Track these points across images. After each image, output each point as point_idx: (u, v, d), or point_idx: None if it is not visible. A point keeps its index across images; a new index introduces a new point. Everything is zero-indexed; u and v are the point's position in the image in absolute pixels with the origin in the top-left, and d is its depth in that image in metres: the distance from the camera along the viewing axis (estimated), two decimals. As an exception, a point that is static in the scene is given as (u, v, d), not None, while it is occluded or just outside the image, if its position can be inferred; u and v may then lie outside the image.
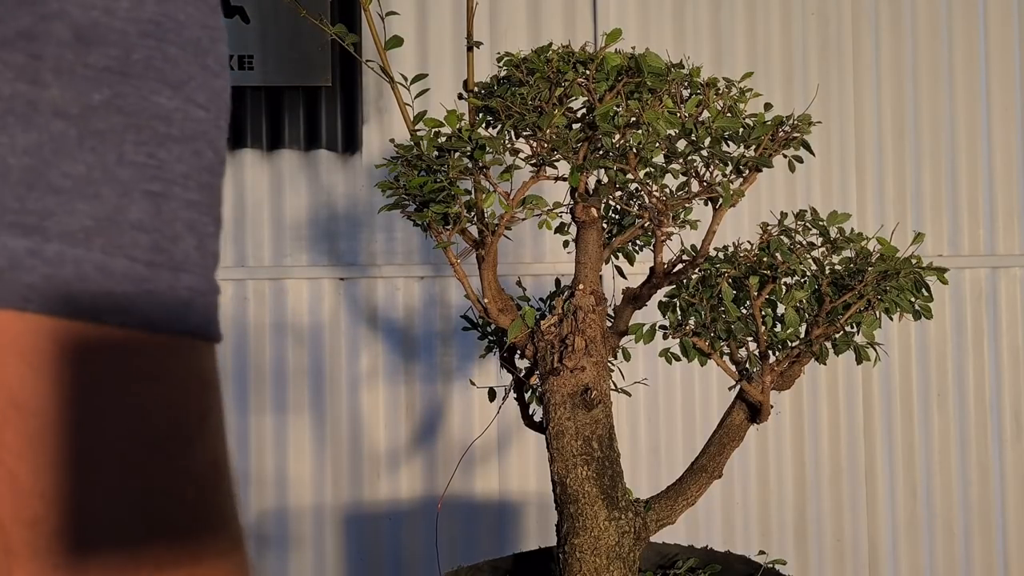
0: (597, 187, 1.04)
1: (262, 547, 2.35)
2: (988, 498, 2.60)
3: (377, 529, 2.39)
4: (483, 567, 1.21)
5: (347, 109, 2.38)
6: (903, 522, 2.58)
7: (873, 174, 2.60)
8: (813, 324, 0.99)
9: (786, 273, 0.97)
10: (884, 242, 0.99)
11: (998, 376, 2.63)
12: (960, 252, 2.63)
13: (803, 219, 1.01)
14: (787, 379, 1.04)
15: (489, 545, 2.40)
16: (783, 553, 2.47)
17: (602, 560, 0.99)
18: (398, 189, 0.98)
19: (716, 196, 0.96)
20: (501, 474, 2.44)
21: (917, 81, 2.62)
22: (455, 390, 2.43)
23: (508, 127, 0.96)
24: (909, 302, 0.96)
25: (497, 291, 1.04)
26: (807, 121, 0.96)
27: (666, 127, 0.90)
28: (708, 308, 0.99)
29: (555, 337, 1.01)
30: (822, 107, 2.54)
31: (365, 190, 2.39)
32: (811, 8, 2.58)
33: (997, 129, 2.63)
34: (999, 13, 2.64)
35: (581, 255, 1.04)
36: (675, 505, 1.06)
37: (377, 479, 2.40)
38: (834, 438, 2.57)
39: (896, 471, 2.59)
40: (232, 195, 2.38)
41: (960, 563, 2.59)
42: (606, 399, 1.01)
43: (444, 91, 1.25)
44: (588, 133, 0.97)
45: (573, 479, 1.00)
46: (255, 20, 2.34)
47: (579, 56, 0.95)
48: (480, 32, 2.35)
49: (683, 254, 1.02)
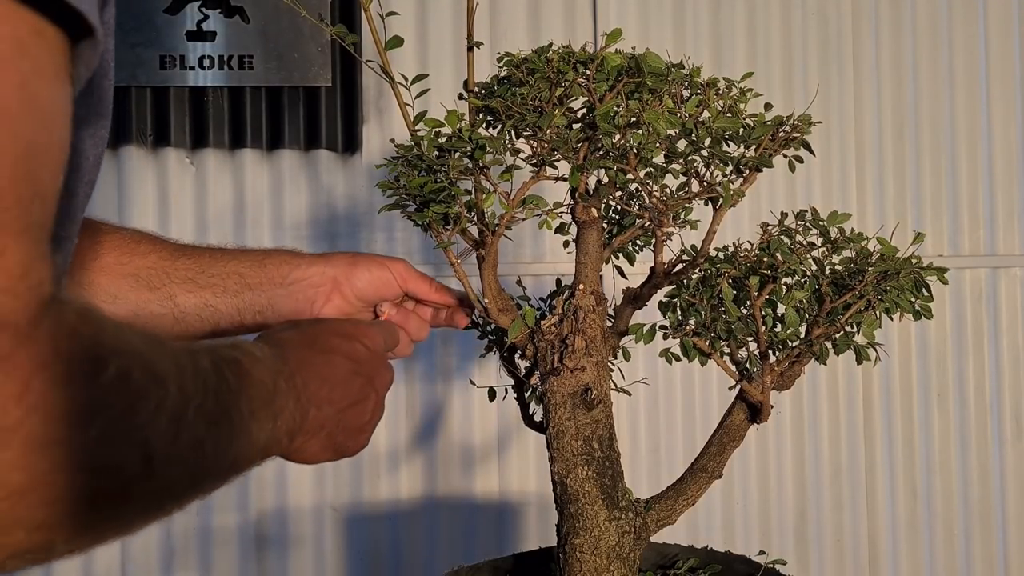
0: (597, 187, 1.04)
1: (262, 547, 2.35)
2: (988, 498, 2.60)
3: (377, 529, 2.39)
4: (483, 567, 1.21)
5: (347, 109, 2.38)
6: (903, 522, 2.58)
7: (873, 174, 2.60)
8: (813, 324, 0.99)
9: (786, 273, 0.97)
10: (884, 242, 0.99)
11: (998, 376, 2.63)
12: (960, 252, 2.63)
13: (803, 219, 1.01)
14: (787, 379, 1.04)
15: (489, 545, 2.40)
16: (783, 553, 2.47)
17: (602, 560, 0.99)
18: (398, 189, 0.98)
19: (716, 196, 0.96)
20: (501, 474, 2.44)
21: (917, 81, 2.62)
22: (455, 390, 2.43)
23: (508, 127, 0.96)
24: (909, 302, 0.96)
25: (497, 291, 1.04)
26: (807, 121, 0.96)
27: (666, 127, 0.90)
28: (708, 308, 0.99)
29: (555, 337, 1.01)
30: (822, 107, 2.54)
31: (365, 190, 2.39)
32: (811, 8, 2.58)
33: (997, 129, 2.63)
34: (999, 13, 2.64)
35: (581, 255, 1.04)
36: (675, 505, 1.06)
37: (377, 479, 2.40)
38: (834, 438, 2.57)
39: (896, 471, 2.59)
40: (232, 195, 2.38)
41: (960, 563, 2.59)
42: (606, 399, 1.01)
43: (444, 91, 1.25)
44: (588, 133, 0.97)
45: (573, 479, 1.00)
46: (255, 20, 2.34)
47: (579, 56, 0.95)
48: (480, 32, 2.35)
49: (683, 254, 1.02)
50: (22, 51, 0.38)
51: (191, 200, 2.37)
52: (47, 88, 0.39)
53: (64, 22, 0.40)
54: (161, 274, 0.88)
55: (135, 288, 0.87)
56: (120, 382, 0.42)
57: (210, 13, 2.33)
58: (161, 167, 2.35)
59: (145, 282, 0.88)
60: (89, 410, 0.39)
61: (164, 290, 0.88)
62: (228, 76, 2.33)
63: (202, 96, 2.35)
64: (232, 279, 0.91)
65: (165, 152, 2.35)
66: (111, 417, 0.41)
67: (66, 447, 0.38)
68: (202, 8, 2.33)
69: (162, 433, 0.44)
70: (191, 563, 2.32)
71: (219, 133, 2.35)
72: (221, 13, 2.33)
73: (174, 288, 0.88)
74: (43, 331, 0.38)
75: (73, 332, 0.40)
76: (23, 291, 0.37)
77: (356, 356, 0.77)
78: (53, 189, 0.40)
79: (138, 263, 0.88)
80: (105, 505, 0.42)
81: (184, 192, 2.37)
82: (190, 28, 2.33)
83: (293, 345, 0.72)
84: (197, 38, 2.33)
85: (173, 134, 2.33)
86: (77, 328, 0.40)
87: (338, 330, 0.79)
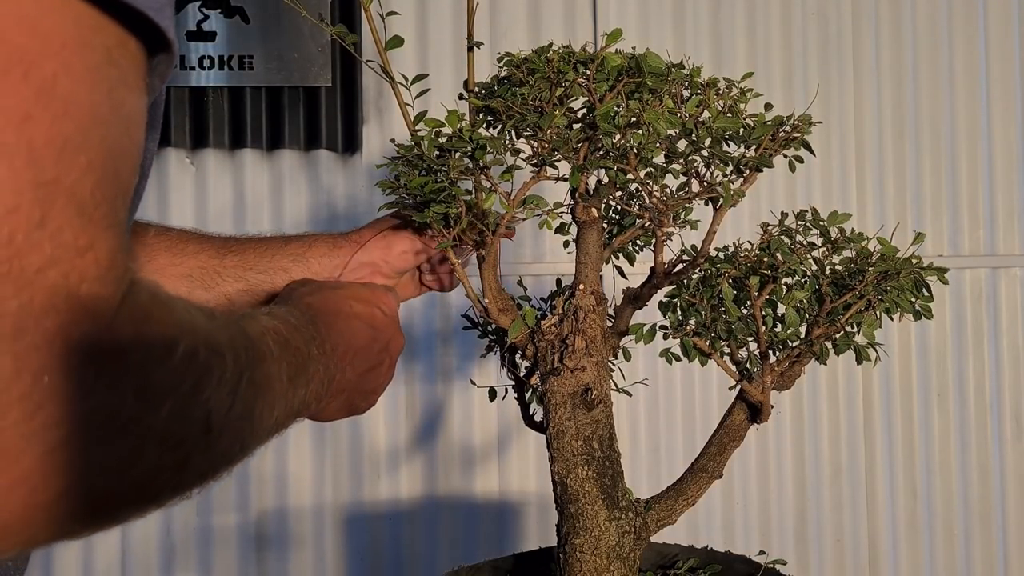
0: (597, 187, 1.04)
1: (262, 547, 2.35)
2: (988, 498, 2.60)
3: (377, 529, 2.39)
4: (483, 567, 1.21)
5: (347, 109, 2.38)
6: (903, 522, 2.58)
7: (873, 174, 2.60)
8: (813, 324, 0.99)
9: (786, 273, 0.97)
10: (884, 242, 0.99)
11: (998, 376, 2.63)
12: (960, 252, 2.63)
13: (803, 219, 1.01)
14: (787, 379, 1.04)
15: (489, 545, 2.40)
16: (783, 553, 2.47)
17: (602, 560, 0.99)
18: (398, 189, 0.98)
19: (716, 196, 0.96)
20: (501, 474, 2.44)
21: (917, 81, 2.62)
22: (455, 390, 2.43)
23: (509, 127, 0.96)
24: (909, 302, 0.96)
25: (498, 291, 1.04)
26: (807, 121, 0.96)
27: (666, 127, 0.90)
28: (708, 308, 0.99)
29: (555, 337, 1.01)
30: (822, 107, 2.54)
31: (365, 190, 2.39)
32: (811, 8, 2.58)
33: (997, 129, 2.63)
34: (999, 13, 2.64)
35: (581, 255, 1.04)
36: (675, 505, 1.06)
37: (377, 479, 2.40)
38: (834, 438, 2.57)
39: (896, 471, 2.59)
40: (232, 195, 2.38)
41: (960, 563, 2.59)
42: (607, 399, 1.01)
43: (444, 91, 1.25)
44: (588, 133, 0.97)
45: (573, 479, 1.00)
46: (255, 20, 2.34)
47: (579, 56, 0.95)
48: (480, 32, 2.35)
49: (683, 254, 1.02)
50: (111, 60, 0.40)
51: (191, 200, 2.37)
52: (130, 96, 0.42)
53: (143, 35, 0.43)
54: (212, 273, 0.93)
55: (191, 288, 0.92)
56: (189, 360, 0.44)
57: (210, 13, 2.33)
58: (161, 167, 2.35)
59: (199, 282, 0.93)
60: (162, 390, 0.42)
61: (218, 290, 0.93)
62: (228, 76, 2.33)
63: (202, 96, 2.35)
64: (279, 275, 0.96)
65: (165, 152, 2.35)
66: (182, 394, 0.43)
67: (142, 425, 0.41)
68: (202, 8, 2.33)
69: (221, 404, 0.47)
70: (191, 563, 2.32)
71: (219, 133, 2.35)
72: (221, 13, 2.33)
73: (226, 287, 0.93)
74: (124, 316, 0.40)
75: (148, 316, 0.42)
76: (111, 280, 0.40)
77: (375, 322, 0.83)
78: (130, 189, 0.43)
79: (190, 263, 0.92)
80: (169, 474, 0.44)
81: (184, 192, 2.37)
82: (190, 28, 2.33)
83: (321, 311, 0.76)
84: (197, 38, 2.33)
85: (173, 134, 2.33)
86: (151, 311, 0.43)
87: (359, 295, 0.85)
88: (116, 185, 0.41)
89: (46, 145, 0.37)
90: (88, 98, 0.39)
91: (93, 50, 0.39)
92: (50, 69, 0.37)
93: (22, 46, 0.36)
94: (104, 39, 0.40)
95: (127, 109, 0.41)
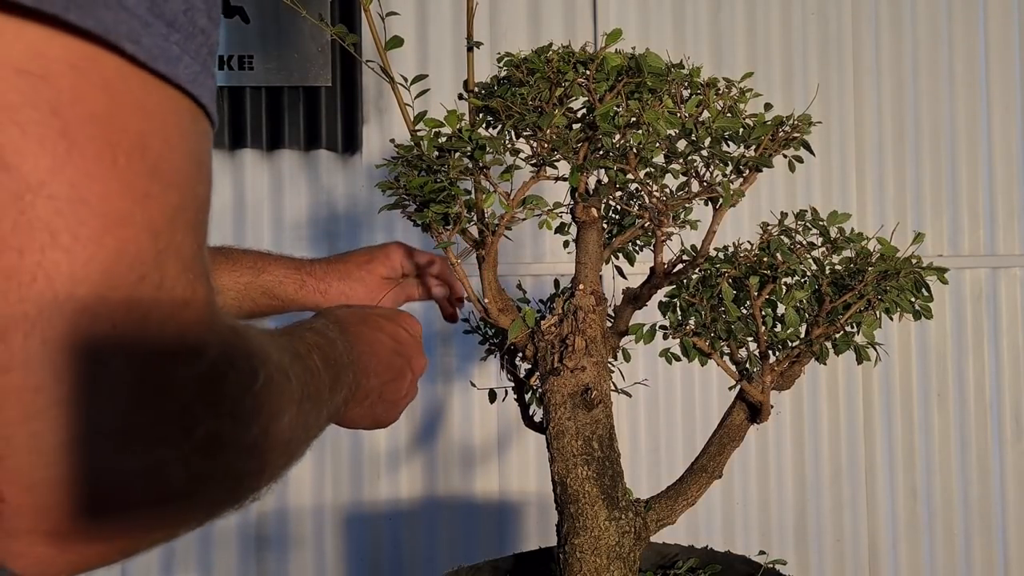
0: (597, 187, 1.04)
1: (262, 547, 2.35)
2: (988, 498, 2.60)
3: (377, 529, 2.39)
4: (483, 567, 1.21)
5: (347, 109, 2.38)
6: (903, 522, 2.58)
7: (873, 174, 2.60)
8: (813, 324, 0.99)
9: (786, 273, 0.97)
10: (884, 242, 0.99)
11: (998, 376, 2.63)
12: (960, 252, 2.63)
13: (803, 219, 1.01)
14: (787, 379, 1.04)
15: (489, 545, 2.40)
16: (783, 553, 2.47)
17: (602, 560, 0.99)
18: (398, 189, 0.98)
19: (716, 196, 0.96)
20: (501, 474, 2.44)
21: (917, 81, 2.62)
22: (455, 390, 2.43)
23: (508, 127, 0.96)
24: (909, 302, 0.96)
25: (497, 291, 1.04)
26: (807, 121, 0.96)
27: (666, 127, 0.90)
28: (708, 308, 0.99)
29: (555, 337, 1.01)
30: (822, 107, 2.54)
31: (365, 190, 2.39)
32: (811, 8, 2.58)
33: (997, 129, 2.63)
34: (999, 13, 2.64)
35: (581, 255, 1.04)
36: (675, 505, 1.06)
37: (377, 479, 2.40)
38: (834, 438, 2.57)
39: (896, 471, 2.59)
40: (232, 195, 2.38)
41: (960, 563, 2.59)
42: (606, 399, 1.01)
43: (444, 91, 1.25)
44: (588, 133, 0.97)
45: (573, 479, 1.00)
46: (255, 20, 2.34)
47: (579, 56, 0.95)
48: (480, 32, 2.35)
49: (683, 254, 1.02)
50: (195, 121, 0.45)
51: (191, 200, 2.37)
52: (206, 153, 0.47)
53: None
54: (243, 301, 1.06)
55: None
56: (269, 387, 0.49)
57: (210, 13, 2.33)
58: (161, 167, 2.35)
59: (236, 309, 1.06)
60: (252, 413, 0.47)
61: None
62: (228, 76, 2.33)
63: (202, 96, 2.35)
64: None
65: (165, 152, 2.35)
66: (265, 415, 0.48)
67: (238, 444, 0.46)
68: (202, 8, 2.33)
69: (292, 420, 0.53)
70: (191, 563, 2.32)
71: (219, 133, 2.35)
72: (221, 13, 2.33)
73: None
74: (221, 357, 0.45)
75: (235, 350, 0.47)
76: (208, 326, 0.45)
77: (398, 337, 0.89)
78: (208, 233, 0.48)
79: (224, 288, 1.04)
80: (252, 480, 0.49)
81: (184, 192, 2.37)
82: (190, 28, 2.32)
83: (350, 322, 0.82)
84: (197, 38, 2.32)
85: (173, 134, 2.33)
86: (236, 345, 0.47)
87: (384, 314, 0.92)
88: (204, 234, 0.46)
89: (161, 216, 0.41)
90: (184, 164, 0.43)
91: (180, 118, 0.43)
92: (157, 146, 0.41)
93: (140, 131, 0.40)
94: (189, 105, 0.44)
95: (206, 165, 0.46)
